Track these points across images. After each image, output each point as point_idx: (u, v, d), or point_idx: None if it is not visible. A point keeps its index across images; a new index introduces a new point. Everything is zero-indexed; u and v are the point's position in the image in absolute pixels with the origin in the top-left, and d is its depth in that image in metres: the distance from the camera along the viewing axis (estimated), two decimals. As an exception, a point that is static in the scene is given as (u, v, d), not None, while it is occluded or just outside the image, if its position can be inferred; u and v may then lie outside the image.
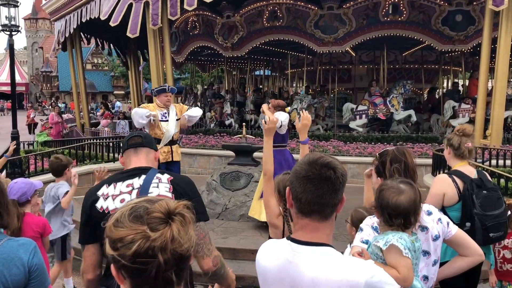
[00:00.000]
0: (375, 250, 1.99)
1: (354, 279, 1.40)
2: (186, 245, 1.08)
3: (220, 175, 7.60)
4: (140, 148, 2.29)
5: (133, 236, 1.04)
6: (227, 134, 13.60)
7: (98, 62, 48.99)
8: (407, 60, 16.12)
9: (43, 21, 57.25)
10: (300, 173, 1.53)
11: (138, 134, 2.34)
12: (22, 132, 10.68)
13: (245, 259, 5.71)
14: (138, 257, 1.03)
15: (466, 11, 11.70)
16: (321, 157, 1.53)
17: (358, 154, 10.91)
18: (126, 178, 2.19)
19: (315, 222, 1.52)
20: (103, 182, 2.24)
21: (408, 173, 2.52)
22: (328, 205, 1.51)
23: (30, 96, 56.53)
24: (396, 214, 1.98)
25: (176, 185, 2.16)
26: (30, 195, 3.42)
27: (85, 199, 2.21)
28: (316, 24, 12.48)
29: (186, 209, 1.13)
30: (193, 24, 14.84)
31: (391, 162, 2.56)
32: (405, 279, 1.92)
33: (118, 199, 2.11)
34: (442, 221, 2.39)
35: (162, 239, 1.04)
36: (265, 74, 23.34)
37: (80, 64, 17.60)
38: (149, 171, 2.20)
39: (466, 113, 12.11)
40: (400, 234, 1.98)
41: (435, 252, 2.36)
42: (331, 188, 1.49)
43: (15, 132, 10.02)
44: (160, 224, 1.07)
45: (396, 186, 2.05)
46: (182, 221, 1.09)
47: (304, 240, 1.52)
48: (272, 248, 1.63)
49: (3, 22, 9.75)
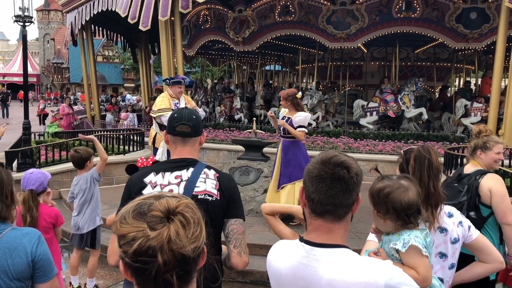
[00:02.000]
0: (391, 251, 1.95)
1: (372, 281, 1.37)
2: (190, 246, 1.03)
3: (230, 170, 7.60)
4: (187, 138, 2.24)
5: (135, 234, 1.02)
6: (236, 128, 13.60)
7: (109, 55, 49.17)
8: (419, 58, 15.97)
9: (55, 13, 57.50)
10: (313, 172, 1.48)
11: (188, 121, 2.22)
12: (32, 122, 10.75)
13: (254, 254, 5.70)
14: (139, 255, 1.01)
15: (481, 9, 11.54)
16: (335, 156, 1.48)
17: (369, 152, 10.86)
18: (175, 168, 2.18)
19: (329, 223, 1.48)
20: (150, 169, 2.24)
21: (432, 171, 2.45)
22: (342, 205, 1.46)
23: (41, 87, 56.91)
24: (412, 212, 1.94)
25: (221, 182, 2.18)
26: (46, 184, 3.45)
27: (130, 185, 2.21)
28: (328, 20, 12.40)
29: (188, 208, 1.08)
30: (205, 18, 14.82)
31: (415, 159, 2.51)
32: (424, 279, 1.88)
33: (166, 189, 2.11)
34: (463, 224, 2.34)
35: (158, 239, 1.00)
36: (275, 69, 23.26)
37: (92, 56, 17.67)
38: (197, 165, 2.20)
39: (478, 112, 11.98)
40: (414, 232, 1.94)
41: (453, 255, 2.30)
42: (344, 188, 1.44)
43: (27, 123, 10.09)
44: (158, 223, 1.03)
45: (398, 184, 1.97)
46: (183, 221, 1.04)
47: (318, 241, 1.48)
48: (284, 249, 1.59)
49: (17, 13, 9.81)
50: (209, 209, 2.07)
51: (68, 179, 9.10)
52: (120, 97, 30.10)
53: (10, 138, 16.82)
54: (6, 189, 2.11)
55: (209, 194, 2.12)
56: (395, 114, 12.71)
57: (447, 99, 15.20)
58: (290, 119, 6.36)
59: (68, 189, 8.87)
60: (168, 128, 2.27)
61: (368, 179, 9.28)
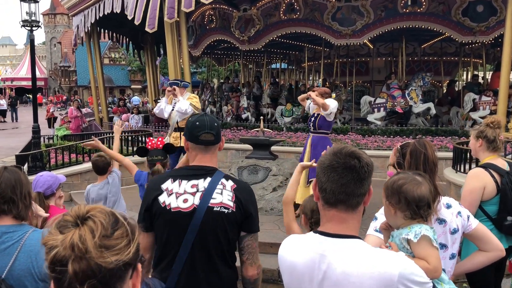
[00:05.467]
0: (403, 243, 1.97)
1: (387, 271, 1.39)
2: (107, 258, 0.96)
3: (238, 169, 7.62)
4: (210, 146, 2.23)
5: (52, 242, 0.97)
6: (244, 127, 13.62)
7: (115, 57, 49.41)
8: (426, 52, 15.87)
9: (61, 16, 57.89)
10: (324, 163, 1.53)
11: (211, 130, 2.21)
12: (41, 126, 10.84)
13: (264, 252, 5.71)
14: (54, 265, 0.96)
15: (487, 2, 11.45)
16: (345, 147, 1.53)
17: (377, 148, 10.83)
18: (192, 177, 2.18)
19: (342, 213, 1.51)
20: (168, 175, 2.24)
21: (428, 165, 2.46)
22: (354, 194, 1.49)
23: (49, 91, 57.35)
24: (422, 205, 1.96)
25: (239, 193, 2.17)
26: (55, 188, 3.47)
27: (148, 189, 2.23)
28: (333, 17, 12.37)
29: (101, 214, 1.01)
30: (210, 17, 14.85)
31: (411, 154, 2.52)
32: (435, 269, 1.90)
33: (181, 198, 2.12)
34: (462, 214, 2.35)
35: (63, 243, 0.95)
36: (281, 68, 23.25)
37: (98, 58, 17.79)
38: (215, 174, 2.19)
39: (487, 105, 11.90)
40: (424, 226, 1.97)
41: (452, 245, 2.32)
42: (355, 177, 1.48)
43: (36, 126, 10.17)
44: (66, 227, 0.98)
45: (412, 177, 2.01)
46: (92, 227, 0.98)
47: (333, 232, 1.51)
48: (298, 242, 1.61)
49: (24, 17, 9.89)
50: (224, 222, 2.09)
51: (78, 182, 9.18)
52: (127, 98, 30.26)
53: (20, 141, 17.00)
54: (25, 190, 2.16)
55: (225, 206, 2.11)
56: (402, 110, 12.65)
57: (455, 93, 15.10)
58: (320, 115, 6.58)
59: (79, 191, 9.00)
60: (189, 136, 2.24)
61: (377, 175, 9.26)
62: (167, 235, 2.13)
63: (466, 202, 3.00)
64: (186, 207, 2.10)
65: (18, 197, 2.12)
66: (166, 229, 2.13)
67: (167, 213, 2.11)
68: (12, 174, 2.17)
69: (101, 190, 4.70)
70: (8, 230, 2.05)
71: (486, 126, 3.26)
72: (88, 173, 9.24)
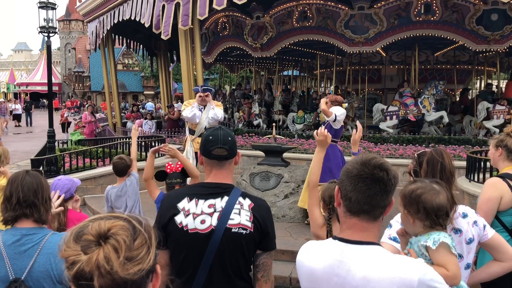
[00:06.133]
0: (421, 250, 1.98)
1: (407, 277, 1.41)
2: (133, 268, 0.99)
3: (250, 175, 7.64)
4: (224, 161, 2.19)
5: (74, 258, 0.99)
6: (255, 134, 13.66)
7: (128, 63, 49.90)
8: (439, 61, 15.82)
9: (76, 22, 58.73)
10: (352, 172, 1.54)
11: (224, 145, 2.17)
12: (56, 130, 11.00)
13: (276, 259, 5.72)
14: (78, 279, 0.99)
15: (502, 10, 11.38)
16: (374, 158, 1.55)
17: (389, 156, 10.77)
18: (209, 196, 2.13)
19: (364, 222, 1.53)
20: (184, 192, 2.20)
21: (445, 174, 2.46)
22: (378, 206, 1.52)
23: (63, 96, 58.06)
24: (441, 214, 1.97)
25: (256, 212, 2.14)
26: (73, 191, 3.54)
27: (162, 209, 2.18)
28: (346, 24, 12.39)
29: (122, 230, 1.02)
30: (223, 25, 14.97)
31: (427, 163, 2.52)
32: (454, 276, 1.90)
33: (198, 219, 2.08)
34: (478, 224, 2.34)
35: (89, 264, 0.97)
36: (293, 74, 23.31)
37: (113, 64, 18.00)
38: (232, 193, 2.15)
39: (501, 114, 11.80)
40: (442, 233, 1.98)
41: (468, 255, 2.31)
42: (383, 189, 1.51)
43: (51, 131, 10.32)
44: (89, 247, 0.99)
45: (431, 186, 2.01)
46: (115, 245, 0.99)
47: (353, 239, 1.53)
48: (317, 248, 1.63)
49: (41, 24, 10.07)
50: (242, 243, 2.08)
51: (92, 186, 9.27)
52: (140, 104, 30.52)
53: (35, 145, 17.23)
54: (46, 194, 2.22)
55: (243, 227, 2.08)
56: (415, 118, 12.60)
57: (468, 102, 15.00)
58: (327, 123, 6.55)
59: (93, 195, 9.10)
60: (203, 150, 2.22)
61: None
62: (184, 256, 2.11)
63: (482, 211, 2.96)
64: (203, 228, 2.07)
65: (39, 201, 2.17)
66: (183, 250, 2.10)
67: (184, 235, 2.08)
68: (34, 178, 2.23)
69: (120, 192, 4.83)
70: (28, 233, 2.10)
71: (506, 135, 3.22)
72: (102, 178, 9.34)
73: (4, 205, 2.16)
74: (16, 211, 2.13)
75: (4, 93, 55.09)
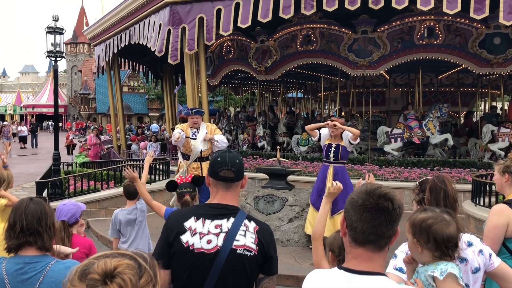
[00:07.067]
0: (428, 280, 1.95)
1: None
2: None
3: (254, 198, 7.61)
4: (230, 183, 2.21)
5: None
6: (260, 156, 13.67)
7: (134, 85, 50.43)
8: (443, 83, 15.87)
9: (83, 46, 59.63)
10: (357, 201, 1.54)
11: (231, 167, 2.19)
12: (61, 153, 11.04)
13: (280, 285, 5.66)
14: None
15: (505, 34, 11.46)
16: (379, 188, 1.54)
17: (394, 179, 10.72)
18: (216, 216, 2.15)
19: (369, 252, 1.52)
20: (191, 211, 2.21)
21: (448, 201, 2.45)
22: (384, 236, 1.51)
23: (68, 117, 58.53)
24: (451, 245, 1.95)
25: (261, 236, 2.15)
26: (78, 215, 3.55)
27: (168, 227, 2.18)
28: (350, 48, 12.51)
29: (128, 269, 1.02)
30: (228, 48, 15.14)
31: (430, 190, 2.51)
32: None
33: (205, 239, 2.09)
34: (484, 253, 2.31)
35: None
36: (297, 97, 23.44)
37: (118, 87, 18.19)
38: (238, 215, 2.16)
39: (506, 137, 11.77)
40: (450, 263, 1.95)
41: (474, 285, 2.27)
42: (388, 219, 1.50)
43: (57, 154, 10.36)
44: (95, 286, 0.99)
45: (441, 217, 1.99)
46: (121, 284, 0.99)
47: (359, 269, 1.51)
48: (322, 278, 1.62)
49: (49, 48, 10.23)
50: (246, 264, 2.08)
51: (96, 209, 9.26)
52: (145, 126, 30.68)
53: (39, 167, 17.30)
54: (50, 221, 2.22)
55: (248, 249, 2.09)
56: (420, 141, 12.58)
57: (473, 124, 14.99)
58: (341, 146, 6.57)
59: (96, 218, 9.08)
60: (210, 171, 2.24)
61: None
62: (188, 275, 2.10)
63: (488, 238, 2.94)
64: (209, 248, 2.08)
65: (43, 229, 2.17)
66: (187, 269, 2.10)
67: (190, 254, 2.08)
68: (38, 205, 2.23)
69: (129, 215, 4.80)
70: (31, 261, 2.10)
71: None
72: (106, 201, 9.33)
73: (8, 233, 2.16)
74: (19, 239, 2.12)
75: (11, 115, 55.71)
